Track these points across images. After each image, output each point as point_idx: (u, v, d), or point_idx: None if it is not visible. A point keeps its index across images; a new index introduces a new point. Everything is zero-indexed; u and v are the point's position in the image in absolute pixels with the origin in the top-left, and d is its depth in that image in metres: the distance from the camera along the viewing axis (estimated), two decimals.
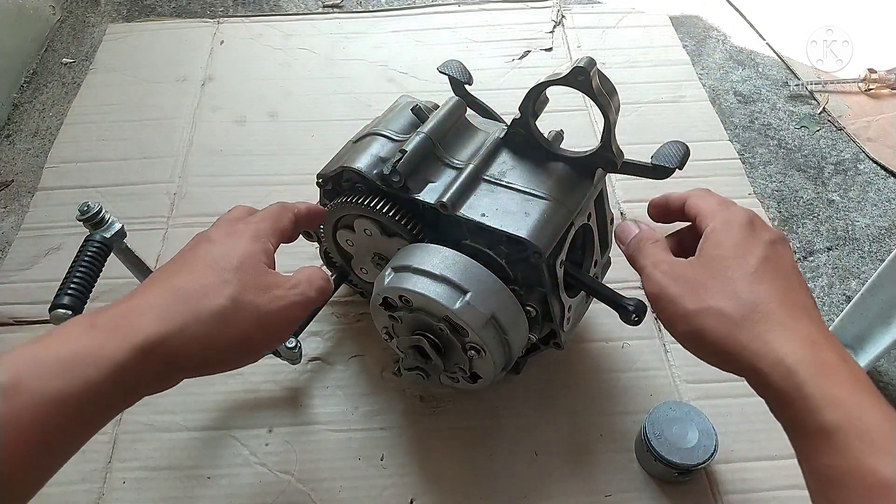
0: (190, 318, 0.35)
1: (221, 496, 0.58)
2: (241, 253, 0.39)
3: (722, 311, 0.38)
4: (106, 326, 0.33)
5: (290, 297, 0.40)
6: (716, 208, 0.43)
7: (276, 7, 1.14)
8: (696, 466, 0.54)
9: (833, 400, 0.33)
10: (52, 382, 0.30)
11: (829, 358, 0.35)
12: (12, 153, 0.91)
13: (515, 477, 0.59)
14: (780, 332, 0.36)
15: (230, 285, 0.37)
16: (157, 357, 0.34)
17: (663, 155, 0.67)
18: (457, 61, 0.70)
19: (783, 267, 0.40)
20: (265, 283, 0.39)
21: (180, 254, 0.41)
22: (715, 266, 0.40)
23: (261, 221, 0.43)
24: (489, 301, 0.49)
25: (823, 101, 0.97)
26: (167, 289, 0.36)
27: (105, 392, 0.32)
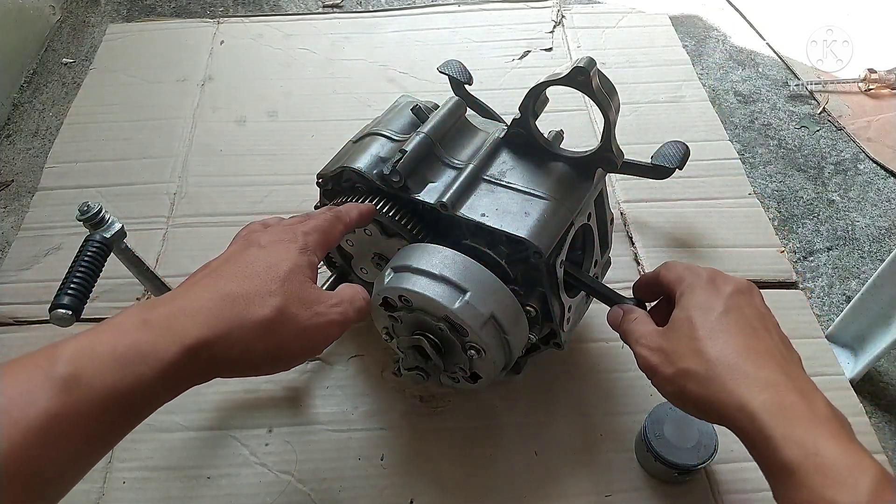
0: (235, 324, 0.36)
1: (221, 496, 0.58)
2: (290, 266, 0.40)
3: (692, 371, 0.41)
4: (159, 324, 0.34)
5: (330, 316, 0.41)
6: (681, 275, 0.47)
7: (276, 7, 1.14)
8: (696, 466, 0.54)
9: (792, 439, 0.36)
10: (107, 376, 0.31)
11: (789, 398, 0.38)
12: (12, 153, 0.91)
13: (515, 477, 0.59)
14: (742, 380, 0.39)
15: (276, 297, 0.38)
16: (203, 358, 0.35)
17: (663, 155, 0.67)
18: (457, 61, 0.70)
19: (745, 316, 0.43)
20: (308, 298, 0.40)
21: (231, 253, 0.42)
22: (683, 330, 0.44)
23: (312, 233, 0.44)
24: (488, 300, 0.49)
25: (823, 101, 0.97)
26: (216, 293, 0.37)
27: (153, 387, 0.33)
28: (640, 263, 0.74)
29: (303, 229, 0.44)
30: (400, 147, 0.53)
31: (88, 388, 0.31)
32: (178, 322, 0.35)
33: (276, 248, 0.42)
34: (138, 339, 0.33)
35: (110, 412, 0.32)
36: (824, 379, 0.64)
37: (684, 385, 0.42)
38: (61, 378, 0.30)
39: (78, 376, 0.30)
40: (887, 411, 0.68)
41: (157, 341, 0.33)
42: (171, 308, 0.35)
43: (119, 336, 0.33)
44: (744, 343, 0.41)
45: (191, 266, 0.73)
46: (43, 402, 0.29)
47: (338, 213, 0.48)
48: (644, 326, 0.47)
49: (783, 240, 0.81)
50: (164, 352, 0.33)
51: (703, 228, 0.77)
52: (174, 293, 0.38)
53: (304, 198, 0.78)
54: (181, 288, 0.38)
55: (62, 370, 0.30)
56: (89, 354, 0.31)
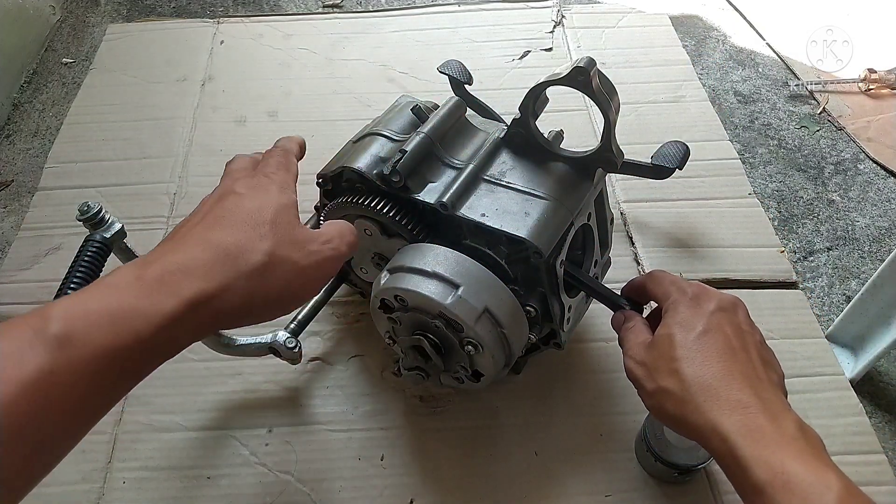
0: (232, 274, 0.36)
1: (221, 496, 0.58)
2: (275, 207, 0.40)
3: (669, 390, 0.43)
4: (154, 280, 0.34)
5: (325, 252, 0.41)
6: (667, 290, 0.49)
7: (276, 7, 1.14)
8: (696, 466, 0.54)
9: (761, 459, 0.38)
10: (102, 334, 0.31)
11: (758, 420, 0.40)
12: (12, 153, 0.91)
13: (515, 477, 0.59)
14: (714, 402, 0.41)
15: (267, 240, 0.38)
16: (203, 312, 0.35)
17: (663, 155, 0.67)
18: (457, 61, 0.70)
19: (724, 335, 0.44)
20: (299, 238, 0.40)
21: (208, 206, 0.41)
22: (664, 348, 0.45)
23: (278, 171, 0.44)
24: (482, 295, 0.49)
25: (823, 101, 0.97)
26: (208, 244, 0.37)
27: (152, 344, 0.33)
28: (640, 263, 0.74)
29: (267, 171, 0.44)
30: (400, 147, 0.53)
31: (83, 345, 0.30)
32: (174, 277, 0.34)
33: (254, 193, 0.41)
34: (134, 296, 0.32)
35: (107, 370, 0.31)
36: (824, 379, 0.64)
37: (662, 403, 0.44)
38: (54, 336, 0.29)
39: (71, 334, 0.30)
40: (887, 411, 0.68)
41: (153, 297, 0.33)
42: (164, 263, 0.35)
43: (113, 293, 0.32)
44: (719, 365, 0.43)
45: None
46: (35, 360, 0.29)
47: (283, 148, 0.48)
48: (636, 337, 0.49)
49: (783, 240, 0.81)
50: (163, 307, 0.33)
51: (703, 228, 0.77)
52: (164, 248, 0.37)
53: (304, 198, 0.77)
54: (169, 243, 0.38)
55: (54, 328, 0.30)
56: (82, 313, 0.31)
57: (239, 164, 0.46)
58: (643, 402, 0.47)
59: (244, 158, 0.47)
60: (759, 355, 0.45)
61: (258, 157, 0.47)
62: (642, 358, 0.47)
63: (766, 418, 0.40)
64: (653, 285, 0.51)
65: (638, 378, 0.47)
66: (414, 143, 0.52)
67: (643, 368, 0.46)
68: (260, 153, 0.48)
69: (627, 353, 0.49)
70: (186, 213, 0.83)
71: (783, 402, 0.42)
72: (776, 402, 0.42)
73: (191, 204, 0.80)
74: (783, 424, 0.40)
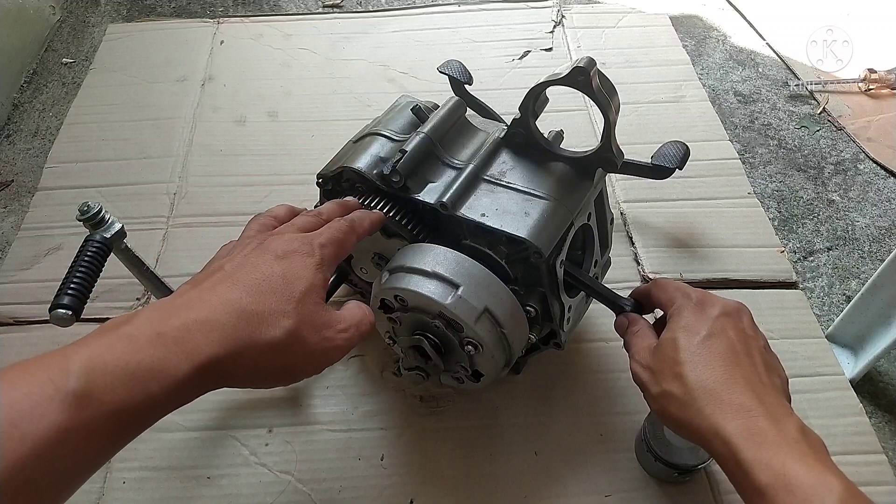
0: (247, 343, 0.36)
1: (221, 496, 0.58)
2: (306, 285, 0.40)
3: (673, 394, 0.44)
4: (172, 339, 0.34)
5: (337, 341, 0.41)
6: (672, 296, 0.49)
7: (276, 7, 1.14)
8: (696, 466, 0.54)
9: (763, 462, 0.38)
10: (118, 392, 0.31)
11: (759, 424, 0.40)
12: (12, 153, 0.91)
13: (515, 477, 0.59)
14: (717, 406, 0.42)
15: (290, 318, 0.38)
16: (211, 376, 0.35)
17: (663, 155, 0.67)
18: (457, 61, 0.70)
19: (728, 340, 0.45)
20: (319, 322, 0.40)
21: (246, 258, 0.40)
22: (668, 351, 0.46)
23: (328, 245, 0.43)
24: (481, 294, 0.49)
25: (823, 101, 0.97)
26: (232, 307, 0.36)
27: (160, 404, 0.33)
28: (640, 263, 0.74)
29: (319, 241, 0.43)
30: (400, 147, 0.53)
31: (99, 404, 0.30)
32: (192, 338, 0.34)
33: (293, 261, 0.40)
34: (151, 355, 0.33)
35: (117, 427, 0.32)
36: (824, 379, 0.64)
37: (666, 406, 0.45)
38: (72, 393, 0.30)
39: (89, 392, 0.30)
40: (887, 411, 0.68)
41: (169, 358, 0.33)
42: (185, 321, 0.35)
43: (132, 350, 0.32)
44: (722, 369, 0.43)
45: (190, 266, 0.74)
46: (52, 417, 0.29)
47: (352, 223, 0.47)
48: (641, 341, 0.49)
49: (783, 240, 0.81)
50: (176, 370, 0.33)
51: (703, 228, 0.77)
52: (189, 300, 0.37)
53: (304, 198, 0.77)
54: (195, 292, 0.37)
55: (73, 385, 0.30)
56: (101, 369, 0.31)
57: (299, 220, 0.46)
58: (648, 404, 0.47)
59: (307, 217, 0.46)
60: (763, 359, 0.45)
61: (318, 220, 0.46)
62: (647, 362, 0.47)
63: (769, 421, 0.40)
64: (658, 292, 0.51)
65: (643, 381, 0.47)
66: (414, 143, 0.52)
67: (648, 372, 0.47)
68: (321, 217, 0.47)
69: (633, 356, 0.49)
70: (186, 213, 0.84)
71: (785, 405, 0.43)
72: (778, 406, 0.42)
73: (191, 204, 0.80)
74: (785, 427, 0.40)
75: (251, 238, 0.43)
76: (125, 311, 0.70)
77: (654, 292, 0.52)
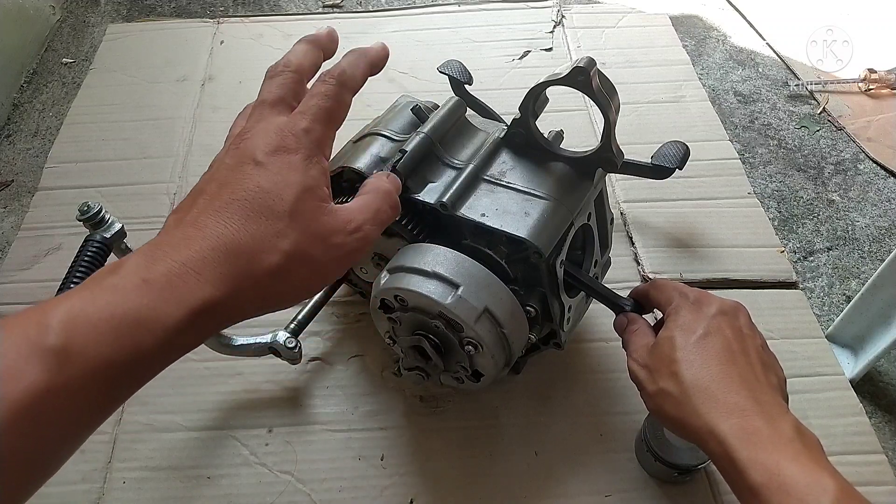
0: (245, 278, 0.32)
1: (221, 496, 0.58)
2: (296, 192, 0.34)
3: (669, 392, 0.44)
4: (160, 284, 0.30)
5: (350, 245, 0.36)
6: (670, 296, 0.49)
7: (276, 7, 1.14)
8: (696, 466, 0.54)
9: (757, 461, 0.38)
10: (103, 347, 0.28)
11: (754, 423, 0.40)
12: (12, 153, 0.91)
13: (515, 477, 0.59)
14: (712, 405, 0.42)
15: (285, 238, 0.33)
16: (210, 319, 0.32)
17: (663, 155, 0.67)
18: (457, 61, 0.70)
19: (724, 338, 0.45)
20: (323, 230, 0.35)
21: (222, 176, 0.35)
22: (665, 350, 0.46)
23: (314, 125, 0.36)
24: (481, 294, 0.49)
25: (823, 101, 0.97)
26: (218, 241, 0.32)
27: (154, 356, 0.30)
28: (640, 263, 0.74)
29: (302, 126, 0.36)
30: (400, 147, 0.53)
31: (82, 360, 0.28)
32: (182, 282, 0.31)
33: (275, 165, 0.34)
34: (138, 304, 0.29)
35: (105, 384, 0.29)
36: (824, 379, 0.64)
37: (662, 404, 0.45)
38: (52, 350, 0.27)
39: (70, 348, 0.27)
40: (887, 411, 0.68)
41: (158, 305, 0.30)
42: (172, 264, 0.31)
43: (117, 300, 0.29)
44: (718, 368, 0.43)
45: None
46: (31, 377, 0.26)
47: (340, 77, 0.39)
48: (639, 339, 0.49)
49: (783, 240, 0.81)
50: (167, 318, 0.30)
51: (703, 228, 0.77)
52: (174, 239, 0.33)
53: None
54: (180, 230, 0.33)
55: (53, 341, 0.27)
56: (84, 322, 0.28)
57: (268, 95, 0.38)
58: (644, 403, 0.47)
59: (282, 82, 0.38)
60: (759, 358, 0.45)
61: (296, 84, 0.39)
62: (645, 360, 0.47)
63: (763, 421, 0.40)
64: (656, 293, 0.51)
65: (640, 379, 0.47)
66: (414, 143, 0.52)
67: (645, 370, 0.47)
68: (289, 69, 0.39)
69: (631, 355, 0.49)
70: None
71: (781, 405, 0.43)
72: (774, 405, 0.42)
73: None
74: (780, 427, 0.40)
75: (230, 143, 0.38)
76: None
77: (651, 293, 0.52)
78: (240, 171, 0.35)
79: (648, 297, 0.52)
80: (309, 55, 0.40)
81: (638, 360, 0.48)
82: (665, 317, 0.49)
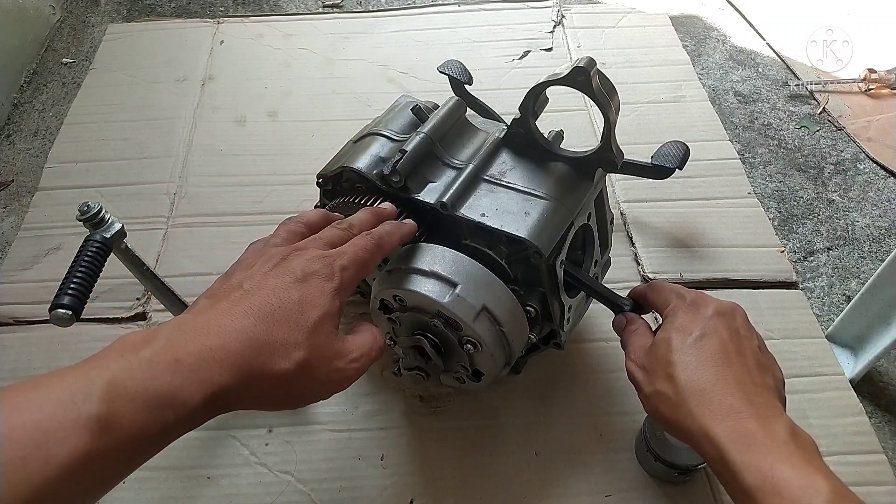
0: (256, 374, 0.36)
1: (221, 496, 0.58)
2: (320, 314, 0.39)
3: (665, 394, 0.44)
4: (189, 366, 0.34)
5: (347, 372, 0.41)
6: (667, 298, 0.50)
7: (276, 7, 1.14)
8: (696, 466, 0.54)
9: (751, 464, 0.38)
10: (137, 419, 0.31)
11: (748, 426, 0.40)
12: (12, 153, 0.91)
13: (515, 477, 0.59)
14: (707, 407, 0.42)
15: (300, 350, 0.37)
16: (220, 402, 0.35)
17: (663, 155, 0.67)
18: (457, 61, 0.70)
19: (720, 340, 0.45)
20: (330, 353, 0.39)
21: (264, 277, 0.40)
22: (661, 351, 0.46)
23: (349, 267, 0.42)
24: (480, 293, 0.49)
25: (823, 101, 0.97)
26: (245, 335, 0.36)
27: (172, 430, 0.34)
28: (640, 263, 0.74)
29: (341, 263, 0.41)
30: (400, 147, 0.53)
31: (119, 430, 0.31)
32: (207, 366, 0.34)
33: (311, 286, 0.39)
34: (169, 383, 0.33)
35: (133, 452, 0.32)
36: (824, 379, 0.64)
37: (658, 406, 0.45)
38: (95, 418, 0.30)
39: (110, 418, 0.30)
40: (887, 411, 0.68)
41: (184, 386, 0.33)
42: (201, 347, 0.35)
43: (152, 376, 0.33)
44: (713, 370, 0.43)
45: (190, 266, 0.74)
46: (76, 441, 0.29)
47: (379, 240, 0.45)
48: (637, 340, 0.49)
49: (783, 240, 0.81)
50: (190, 399, 0.33)
51: (703, 228, 0.77)
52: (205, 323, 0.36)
53: (304, 198, 0.78)
54: (213, 315, 0.37)
55: (96, 409, 0.30)
56: (122, 395, 0.31)
57: (326, 234, 0.44)
58: (642, 404, 0.47)
59: (335, 232, 0.45)
60: (756, 360, 0.45)
61: (347, 234, 0.45)
62: (642, 361, 0.47)
63: (757, 423, 0.40)
64: (654, 294, 0.51)
65: (637, 380, 0.47)
66: (414, 143, 0.52)
67: (642, 371, 0.47)
68: (352, 231, 0.45)
69: (629, 355, 0.49)
70: (186, 212, 0.84)
71: (776, 406, 0.43)
72: (768, 407, 0.42)
73: (191, 204, 0.80)
74: (774, 429, 0.40)
75: (276, 250, 0.42)
76: (125, 311, 0.70)
77: (649, 295, 0.52)
78: (279, 280, 0.39)
79: (646, 299, 0.52)
80: (368, 223, 0.47)
81: (636, 361, 0.48)
82: (663, 319, 0.49)
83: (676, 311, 0.48)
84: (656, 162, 0.67)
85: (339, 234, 0.45)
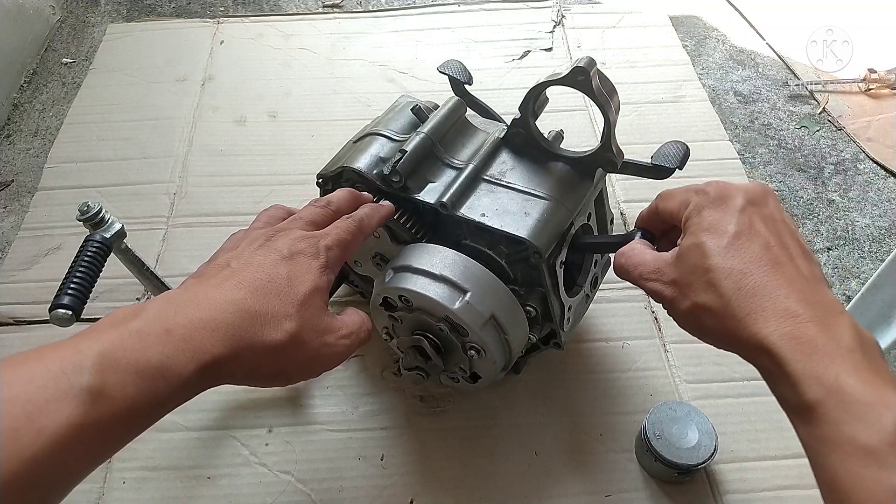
0: (247, 345, 0.36)
1: (221, 496, 0.58)
2: (309, 288, 0.40)
3: (707, 306, 0.38)
4: (180, 337, 0.34)
5: (338, 347, 0.41)
6: (685, 198, 0.43)
7: (276, 7, 1.14)
8: (696, 466, 0.54)
9: (812, 375, 0.34)
10: (129, 390, 0.31)
11: (808, 331, 0.35)
12: (12, 153, 0.91)
13: (515, 477, 0.59)
14: (760, 313, 0.36)
15: (291, 321, 0.38)
16: (212, 374, 0.35)
17: (663, 155, 0.67)
18: (457, 61, 0.70)
19: (759, 234, 0.39)
20: (321, 326, 0.40)
21: (252, 255, 0.40)
22: (694, 259, 0.40)
23: (334, 247, 0.43)
24: (489, 301, 0.49)
25: (823, 101, 0.97)
26: (237, 306, 0.37)
27: (165, 402, 0.34)
28: None
29: (325, 243, 0.43)
30: (400, 147, 0.53)
31: (111, 401, 0.31)
32: (199, 336, 0.35)
33: (298, 263, 0.40)
34: (160, 353, 0.33)
35: (125, 425, 0.32)
36: None
37: (700, 320, 0.39)
38: (87, 389, 0.30)
39: (102, 389, 0.31)
40: None
41: (176, 356, 0.33)
42: (191, 318, 0.35)
43: (143, 347, 0.33)
44: (760, 269, 0.38)
45: (191, 266, 0.74)
46: (67, 412, 0.29)
47: (360, 222, 0.46)
48: (645, 256, 0.44)
49: None
50: (182, 369, 0.33)
51: None
52: (195, 296, 0.37)
53: (304, 198, 0.77)
54: (202, 289, 0.38)
55: (87, 380, 0.30)
56: (113, 365, 0.31)
57: (306, 213, 0.45)
58: (677, 323, 0.42)
59: (314, 210, 0.46)
60: (801, 249, 0.40)
61: (327, 211, 0.46)
62: (669, 276, 0.41)
63: (818, 328, 0.35)
64: (666, 203, 0.45)
65: (668, 298, 0.41)
66: (414, 143, 0.52)
67: (672, 287, 0.41)
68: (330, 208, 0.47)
69: (644, 277, 0.43)
70: (186, 212, 0.84)
71: (835, 303, 0.37)
72: (826, 306, 0.37)
73: (191, 204, 0.80)
74: (837, 333, 0.35)
75: (259, 232, 0.43)
76: None
77: (660, 204, 0.45)
78: (266, 257, 0.40)
79: (658, 212, 0.45)
80: (345, 201, 0.48)
81: (661, 279, 0.41)
82: (684, 222, 0.42)
83: (701, 209, 0.41)
84: (656, 162, 0.66)
85: (318, 212, 0.46)
